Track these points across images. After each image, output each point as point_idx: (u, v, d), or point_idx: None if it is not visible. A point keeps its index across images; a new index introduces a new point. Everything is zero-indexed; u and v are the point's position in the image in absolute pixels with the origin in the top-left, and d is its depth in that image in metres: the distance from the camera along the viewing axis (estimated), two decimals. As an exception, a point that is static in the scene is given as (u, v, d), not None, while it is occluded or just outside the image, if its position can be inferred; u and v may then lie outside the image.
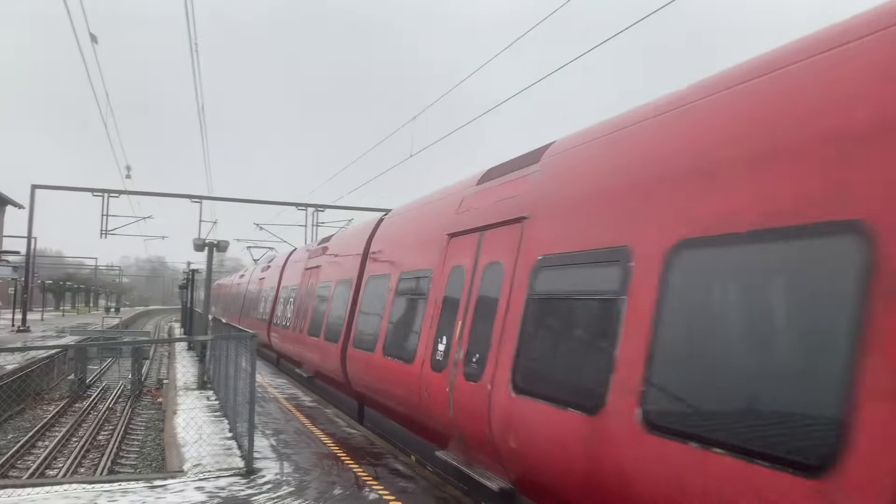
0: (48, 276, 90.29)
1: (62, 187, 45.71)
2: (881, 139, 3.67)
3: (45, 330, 45.52)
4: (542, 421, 6.19)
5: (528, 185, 7.63)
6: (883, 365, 3.38)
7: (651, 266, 5.17)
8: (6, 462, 16.74)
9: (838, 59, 4.16)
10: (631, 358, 5.15)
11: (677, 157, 5.34)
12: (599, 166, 6.57)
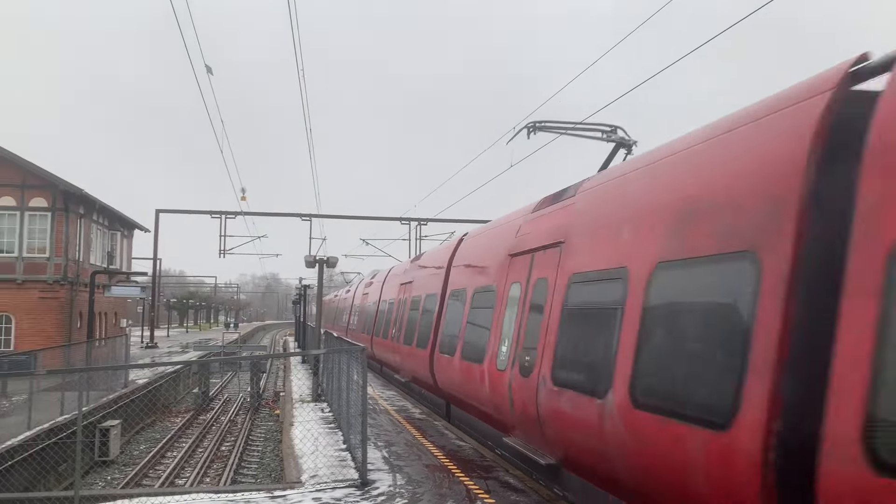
0: (172, 295, 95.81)
1: (183, 211, 48.46)
2: None
3: (171, 346, 48.26)
4: (572, 406, 7.77)
5: (565, 214, 9.23)
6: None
7: (640, 282, 6.58)
8: (139, 471, 17.80)
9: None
10: (624, 354, 6.57)
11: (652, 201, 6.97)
12: (605, 204, 8.30)
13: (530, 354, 9.21)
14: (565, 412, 7.94)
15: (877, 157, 4.18)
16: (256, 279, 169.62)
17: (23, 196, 29.77)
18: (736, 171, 5.67)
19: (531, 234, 10.31)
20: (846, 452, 3.93)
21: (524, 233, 10.69)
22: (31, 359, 21.25)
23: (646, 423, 6.09)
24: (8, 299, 29.00)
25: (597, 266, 7.72)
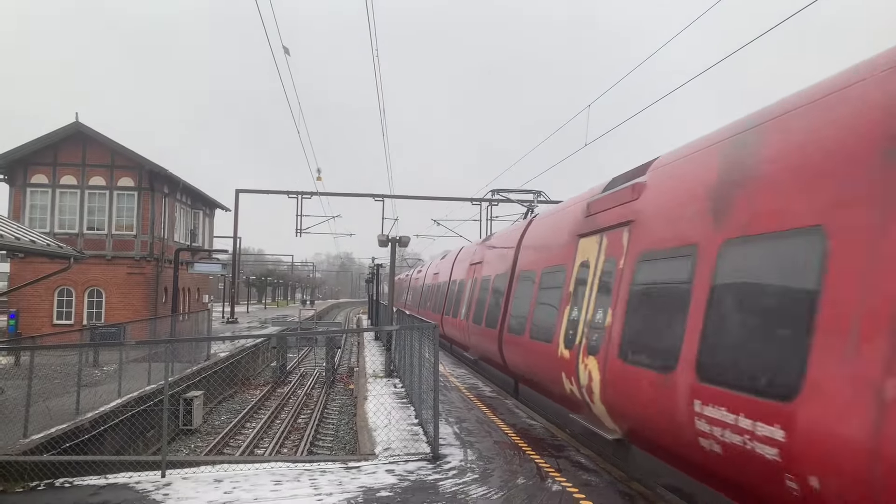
0: (251, 273, 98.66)
1: (262, 191, 49.65)
2: None
3: (251, 321, 49.84)
4: (638, 378, 8.07)
5: (634, 194, 9.26)
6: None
7: (707, 260, 6.89)
8: (221, 440, 18.52)
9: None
10: (690, 332, 6.96)
11: (708, 183, 7.36)
12: (671, 185, 8.40)
13: (597, 334, 9.51)
14: (631, 385, 8.28)
15: None
16: (331, 258, 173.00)
17: (112, 176, 31.12)
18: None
19: (600, 214, 10.44)
20: None
21: (593, 212, 10.80)
22: (120, 331, 22.31)
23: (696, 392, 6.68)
24: (99, 274, 30.47)
25: (662, 245, 8.20)
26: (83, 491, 8.67)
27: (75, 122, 30.40)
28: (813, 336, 5.08)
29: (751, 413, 5.62)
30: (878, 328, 4.51)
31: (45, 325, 29.28)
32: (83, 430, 13.32)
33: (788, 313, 5.54)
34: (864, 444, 4.40)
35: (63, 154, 30.91)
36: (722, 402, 6.07)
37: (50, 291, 29.80)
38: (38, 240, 15.84)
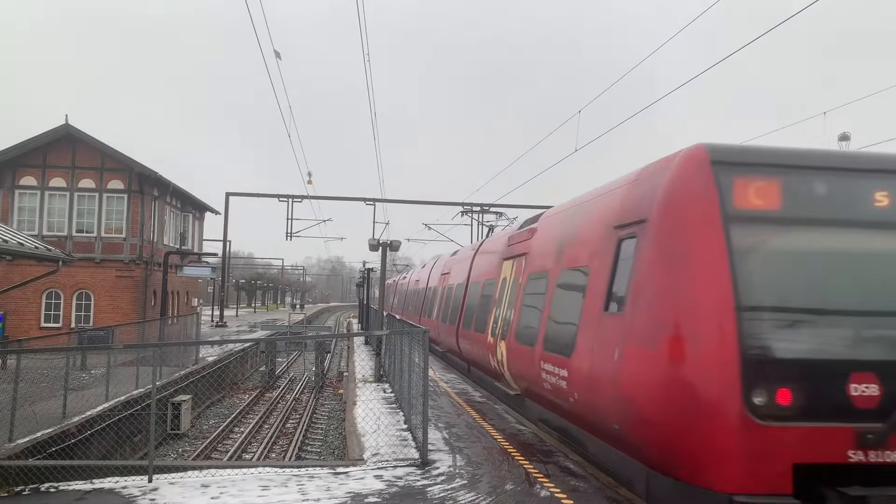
0: (241, 276, 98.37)
1: (252, 194, 49.55)
2: None
3: (240, 325, 49.67)
4: (522, 352, 12.76)
5: (529, 235, 14.12)
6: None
7: (552, 280, 11.51)
8: (209, 445, 18.43)
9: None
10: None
11: (551, 237, 12.45)
12: (542, 233, 13.25)
13: (504, 324, 14.40)
14: (519, 361, 13.09)
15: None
16: (322, 262, 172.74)
17: (101, 178, 30.97)
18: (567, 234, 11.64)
19: (515, 244, 15.03)
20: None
21: (513, 242, 15.38)
22: (108, 334, 22.18)
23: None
24: (88, 277, 30.30)
25: (538, 270, 12.81)
26: (69, 496, 8.61)
27: (65, 125, 30.26)
28: (581, 325, 9.52)
29: (557, 365, 10.30)
30: (603, 327, 8.88)
31: (33, 327, 29.08)
32: (70, 434, 13.23)
33: (575, 313, 9.85)
34: (588, 376, 9.02)
35: (52, 156, 30.75)
36: (549, 361, 10.74)
37: (38, 294, 29.61)
38: (26, 242, 15.75)
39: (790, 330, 7.12)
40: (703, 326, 7.09)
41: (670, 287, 7.54)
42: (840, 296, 7.31)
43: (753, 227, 7.35)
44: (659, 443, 7.47)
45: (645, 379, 7.60)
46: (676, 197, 7.74)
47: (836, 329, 7.15)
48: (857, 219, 7.50)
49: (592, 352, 8.95)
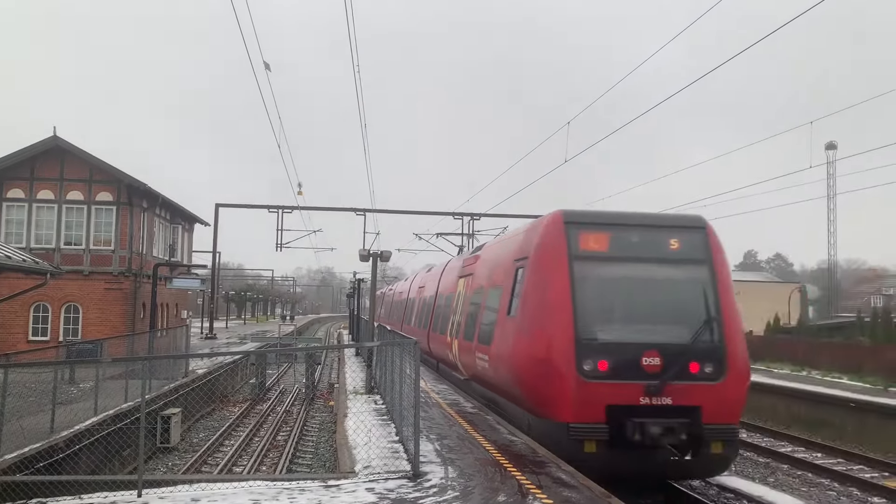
0: (231, 288, 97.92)
1: (242, 205, 49.48)
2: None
3: (230, 337, 49.43)
4: (466, 346, 17.38)
5: (474, 259, 18.84)
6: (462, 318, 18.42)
7: (485, 294, 16.25)
8: (199, 459, 18.30)
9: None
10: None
11: (485, 263, 17.50)
12: (481, 261, 17.88)
13: (457, 327, 18.93)
14: (465, 354, 17.56)
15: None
16: (312, 273, 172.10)
17: (90, 190, 30.82)
18: (490, 264, 16.57)
19: (467, 266, 19.62)
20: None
21: (465, 264, 20.27)
22: (97, 347, 22.02)
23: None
24: (76, 290, 30.08)
25: (474, 289, 17.83)
26: (57, 512, 8.52)
27: (53, 137, 30.12)
28: (496, 324, 14.04)
29: (484, 353, 14.74)
30: (497, 328, 14.16)
31: (21, 341, 28.82)
32: (58, 449, 13.11)
33: (494, 317, 14.32)
34: (498, 357, 13.88)
35: (40, 168, 30.58)
36: (481, 350, 15.12)
37: (25, 307, 29.36)
38: (13, 255, 15.65)
39: (607, 325, 12.07)
40: (555, 326, 12.00)
41: (538, 300, 12.58)
42: (641, 303, 12.35)
43: (588, 262, 12.36)
44: (532, 396, 12.67)
45: (524, 357, 12.66)
46: (542, 244, 12.88)
47: (636, 324, 12.07)
48: (657, 257, 12.69)
49: (501, 342, 13.87)
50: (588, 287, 12.28)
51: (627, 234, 13.00)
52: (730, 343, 12.15)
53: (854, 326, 31.83)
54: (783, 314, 51.45)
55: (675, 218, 14.26)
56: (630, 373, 11.69)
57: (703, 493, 13.44)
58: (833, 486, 14.66)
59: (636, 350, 11.78)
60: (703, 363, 11.96)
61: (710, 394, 11.84)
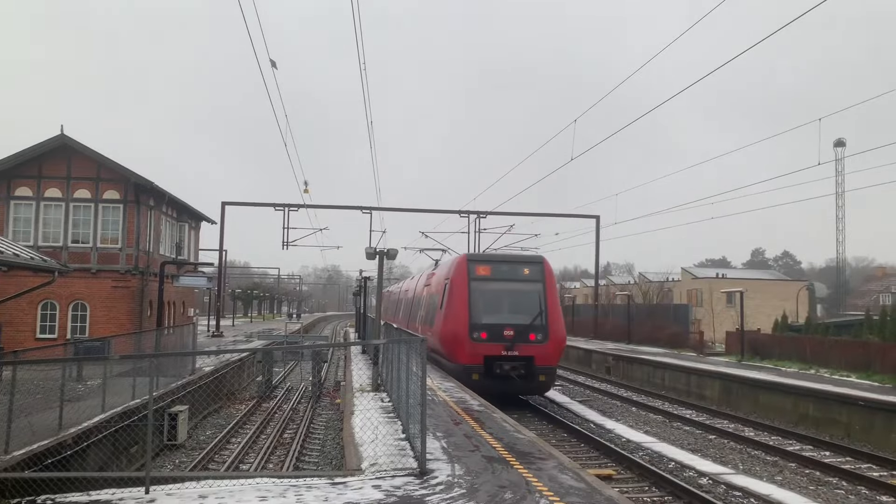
0: (237, 286, 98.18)
1: (248, 203, 49.60)
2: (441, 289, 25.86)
3: (236, 335, 49.52)
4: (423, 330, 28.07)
5: (432, 273, 30.21)
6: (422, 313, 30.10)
7: (436, 297, 26.59)
8: (206, 456, 18.34)
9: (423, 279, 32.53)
10: (420, 313, 30.72)
11: (425, 292, 30.33)
12: (429, 278, 30.32)
13: (420, 317, 29.58)
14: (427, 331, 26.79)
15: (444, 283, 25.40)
16: (318, 271, 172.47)
17: (97, 188, 30.92)
18: (437, 281, 27.20)
19: (416, 286, 33.66)
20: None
21: (420, 284, 32.25)
22: (104, 345, 22.07)
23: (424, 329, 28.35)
24: (83, 288, 30.19)
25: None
26: (65, 508, 8.55)
27: (60, 135, 30.23)
28: (436, 314, 25.57)
29: (429, 331, 26.08)
30: (436, 316, 25.64)
31: (28, 339, 28.95)
32: (66, 445, 13.14)
33: (434, 310, 26.02)
34: (434, 332, 25.20)
35: (48, 167, 30.70)
36: (430, 331, 25.96)
37: (33, 305, 29.50)
38: (21, 253, 15.71)
39: (486, 314, 23.04)
40: (459, 315, 23.10)
41: (452, 302, 23.43)
42: (505, 303, 23.46)
43: (478, 282, 23.34)
44: (448, 351, 24.05)
45: (445, 331, 23.76)
46: (456, 271, 23.97)
47: (502, 314, 23.16)
48: (515, 278, 23.92)
49: (436, 324, 24.75)
50: (477, 295, 23.38)
51: (501, 266, 24.45)
52: (551, 324, 23.14)
53: (862, 325, 31.61)
54: (791, 312, 51.24)
55: (527, 256, 28.97)
56: (497, 339, 22.65)
57: (710, 491, 13.41)
58: (841, 484, 14.59)
59: (500, 327, 22.81)
60: (535, 334, 22.86)
61: (539, 350, 22.72)
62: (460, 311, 23.08)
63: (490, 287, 23.60)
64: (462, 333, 22.79)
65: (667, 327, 43.99)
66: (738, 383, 25.48)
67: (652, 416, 23.57)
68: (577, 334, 53.37)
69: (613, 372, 35.75)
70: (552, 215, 51.34)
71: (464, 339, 22.69)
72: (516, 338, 22.56)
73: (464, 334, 22.73)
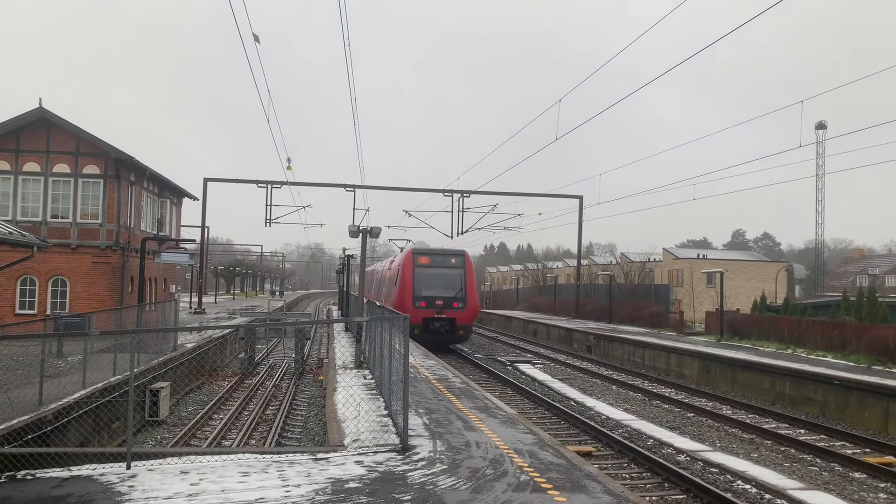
0: (220, 263, 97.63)
1: (231, 180, 49.15)
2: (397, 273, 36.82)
3: (219, 312, 49.35)
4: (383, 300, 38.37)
5: (390, 263, 42.82)
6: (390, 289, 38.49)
7: (394, 278, 37.22)
8: (188, 432, 18.35)
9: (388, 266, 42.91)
10: (384, 290, 41.43)
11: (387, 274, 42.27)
12: (394, 263, 40.03)
13: (385, 293, 39.89)
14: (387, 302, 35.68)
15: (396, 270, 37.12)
16: (301, 248, 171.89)
17: (76, 163, 30.52)
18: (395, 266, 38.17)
19: (391, 267, 40.51)
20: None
21: (391, 266, 40.97)
22: (85, 321, 21.92)
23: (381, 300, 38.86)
24: (63, 263, 29.92)
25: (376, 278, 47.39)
26: (46, 483, 8.54)
27: (39, 108, 29.76)
28: (392, 289, 36.67)
29: (388, 302, 35.50)
30: (392, 291, 36.65)
31: (8, 314, 28.70)
32: (46, 421, 13.09)
33: (391, 287, 37.15)
34: (389, 300, 35.88)
35: (26, 140, 30.24)
36: (387, 300, 36.68)
37: (12, 280, 29.20)
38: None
39: (424, 290, 33.84)
40: (406, 290, 33.88)
41: (401, 281, 34.41)
42: (437, 283, 34.15)
43: (420, 268, 34.34)
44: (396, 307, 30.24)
45: (396, 302, 33.88)
46: (405, 261, 35.03)
47: (435, 290, 33.91)
48: (445, 265, 35.10)
49: (392, 296, 35.63)
50: (419, 277, 33.79)
51: (436, 257, 35.33)
52: (468, 297, 34.08)
53: (839, 306, 32.07)
54: (770, 293, 51.86)
55: (454, 250, 37.04)
56: (431, 306, 33.23)
57: (687, 468, 13.63)
58: (815, 461, 14.87)
59: (434, 298, 33.35)
60: (457, 303, 33.59)
61: (459, 314, 33.73)
62: (407, 287, 33.82)
63: (427, 272, 34.35)
64: (408, 302, 33.12)
65: (647, 307, 44.36)
66: (716, 362, 25.81)
67: (632, 395, 23.85)
68: (559, 314, 53.69)
69: (594, 351, 36.07)
70: (536, 195, 51.41)
71: (409, 306, 32.66)
72: (444, 306, 33.70)
73: (409, 303, 33.09)
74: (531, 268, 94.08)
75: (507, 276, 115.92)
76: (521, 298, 72.37)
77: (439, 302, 33.48)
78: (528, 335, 47.91)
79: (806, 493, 11.68)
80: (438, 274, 34.26)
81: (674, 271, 71.76)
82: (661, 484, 12.62)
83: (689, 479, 12.33)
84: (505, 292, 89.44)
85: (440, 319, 33.59)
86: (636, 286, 54.31)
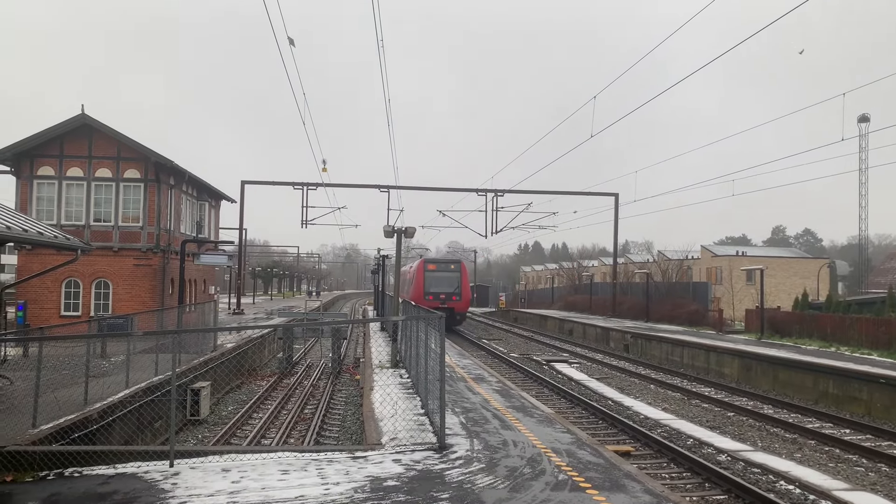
0: (257, 264, 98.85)
1: (267, 182, 49.73)
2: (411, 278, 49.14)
3: (256, 312, 49.98)
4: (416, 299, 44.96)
5: (410, 268, 54.05)
6: None
7: (415, 278, 48.52)
8: (228, 431, 18.61)
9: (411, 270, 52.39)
10: (407, 289, 50.63)
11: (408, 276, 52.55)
12: (416, 266, 50.70)
13: (408, 291, 49.00)
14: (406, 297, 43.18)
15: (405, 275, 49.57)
16: (337, 249, 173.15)
17: (118, 167, 31.16)
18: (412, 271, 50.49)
19: (413, 269, 50.37)
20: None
21: (412, 268, 51.77)
22: (127, 322, 22.38)
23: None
24: (106, 266, 30.56)
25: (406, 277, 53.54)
26: (92, 480, 8.74)
27: (81, 115, 30.45)
28: (410, 287, 48.34)
29: (408, 298, 41.67)
30: (411, 288, 48.08)
31: (53, 316, 29.42)
32: (91, 420, 13.40)
33: (410, 286, 48.68)
34: (409, 295, 46.90)
35: (69, 146, 30.96)
36: (407, 298, 40.22)
37: (57, 283, 29.93)
38: (45, 231, 15.92)
39: (432, 288, 45.81)
40: (419, 288, 45.78)
41: (416, 282, 46.56)
42: (441, 283, 46.40)
43: (430, 272, 47.75)
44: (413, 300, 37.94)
45: (413, 296, 44.19)
46: (418, 267, 47.93)
47: (440, 288, 46.11)
48: (447, 270, 47.85)
49: (411, 293, 46.43)
50: (429, 279, 46.17)
51: (440, 264, 48.34)
52: (463, 293, 46.87)
53: (885, 302, 31.29)
54: (812, 290, 50.78)
55: (453, 259, 56.42)
56: (437, 299, 44.64)
57: (728, 468, 13.43)
58: (861, 461, 14.54)
59: (438, 293, 45.62)
60: (455, 297, 46.23)
61: (457, 304, 46.35)
62: (419, 286, 45.48)
63: (434, 275, 46.31)
64: (420, 296, 44.02)
65: (686, 305, 43.79)
66: (757, 361, 25.38)
67: (670, 394, 23.56)
68: (595, 313, 53.27)
69: (632, 350, 35.71)
70: (571, 193, 51.10)
71: (421, 299, 42.87)
72: (445, 299, 45.21)
73: (421, 297, 44.01)
74: (566, 266, 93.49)
75: (542, 276, 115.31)
76: (557, 297, 71.96)
77: (443, 296, 45.80)
78: (564, 334, 47.64)
79: (852, 494, 11.44)
80: (442, 276, 46.75)
81: (712, 269, 70.70)
82: (701, 484, 12.46)
83: (731, 478, 12.15)
84: (540, 291, 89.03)
85: (444, 309, 43.96)
86: (674, 284, 53.63)
